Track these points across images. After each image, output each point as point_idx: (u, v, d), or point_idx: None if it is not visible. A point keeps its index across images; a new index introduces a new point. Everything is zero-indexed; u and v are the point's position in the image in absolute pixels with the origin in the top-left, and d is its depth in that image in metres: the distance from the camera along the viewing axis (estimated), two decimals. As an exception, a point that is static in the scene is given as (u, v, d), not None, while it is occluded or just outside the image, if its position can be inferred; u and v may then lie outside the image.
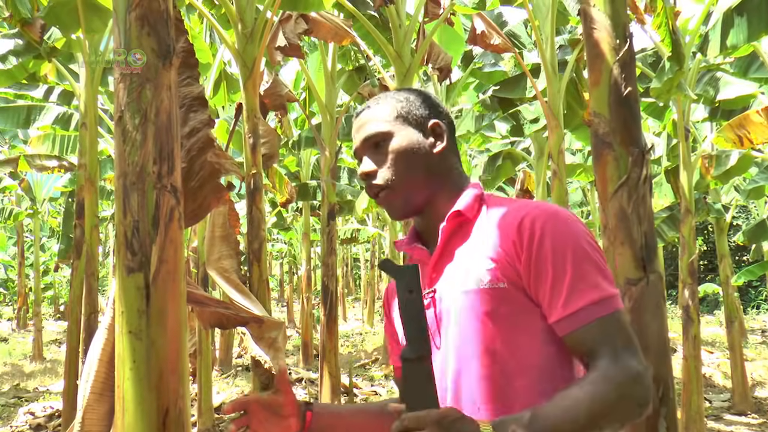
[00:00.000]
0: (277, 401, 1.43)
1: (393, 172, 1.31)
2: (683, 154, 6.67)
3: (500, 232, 1.22)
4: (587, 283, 1.14)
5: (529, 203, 1.26)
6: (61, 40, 6.38)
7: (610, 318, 1.13)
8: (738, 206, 13.67)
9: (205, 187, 1.99)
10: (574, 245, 1.17)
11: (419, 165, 1.31)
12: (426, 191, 1.32)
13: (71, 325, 6.51)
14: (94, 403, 1.72)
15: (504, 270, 1.19)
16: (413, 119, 1.34)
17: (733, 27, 5.42)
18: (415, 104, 1.36)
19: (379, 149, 1.33)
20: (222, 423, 7.55)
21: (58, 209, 20.51)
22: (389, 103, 1.36)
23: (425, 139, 1.33)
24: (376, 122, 1.34)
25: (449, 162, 1.35)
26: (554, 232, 1.17)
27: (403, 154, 1.31)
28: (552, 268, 1.16)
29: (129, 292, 1.66)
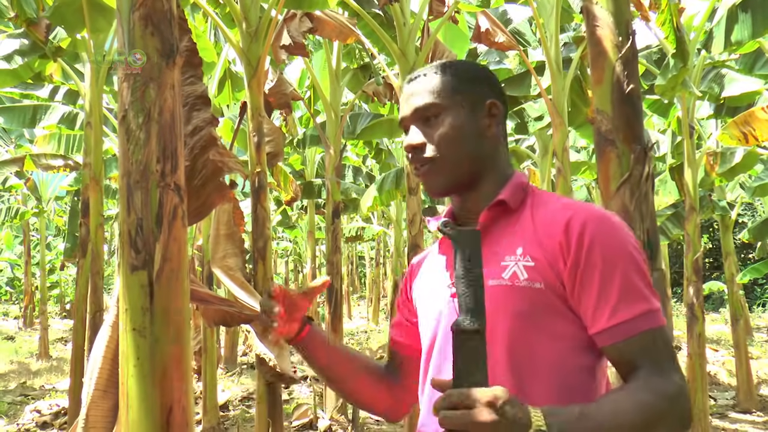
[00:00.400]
0: (299, 304, 1.43)
1: (441, 150, 1.24)
2: (688, 152, 6.65)
3: (545, 231, 1.17)
4: (635, 294, 1.11)
5: (575, 203, 1.21)
6: (66, 39, 6.40)
7: (655, 332, 1.10)
8: (743, 203, 13.62)
9: (208, 185, 2.00)
10: (624, 254, 1.12)
11: (468, 146, 1.25)
12: (471, 174, 1.26)
13: (77, 324, 6.54)
14: (98, 400, 1.73)
15: (543, 270, 1.14)
16: (470, 96, 1.26)
17: (737, 23, 5.41)
18: (475, 80, 1.29)
19: (429, 123, 1.26)
20: (227, 421, 7.57)
21: (63, 208, 20.59)
22: (447, 75, 1.27)
23: (479, 119, 1.26)
24: (430, 94, 1.26)
25: (499, 146, 1.29)
26: (604, 238, 1.13)
27: (453, 132, 1.24)
28: (600, 277, 1.11)
29: (133, 290, 1.67)
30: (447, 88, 1.26)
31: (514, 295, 1.14)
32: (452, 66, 1.30)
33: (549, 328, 1.14)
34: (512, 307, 1.14)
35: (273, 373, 4.49)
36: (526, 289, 1.13)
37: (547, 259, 1.14)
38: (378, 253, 22.99)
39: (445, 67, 1.29)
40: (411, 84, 1.31)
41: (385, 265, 22.92)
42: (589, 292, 1.12)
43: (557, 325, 1.14)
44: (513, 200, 1.23)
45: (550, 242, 1.15)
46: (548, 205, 1.21)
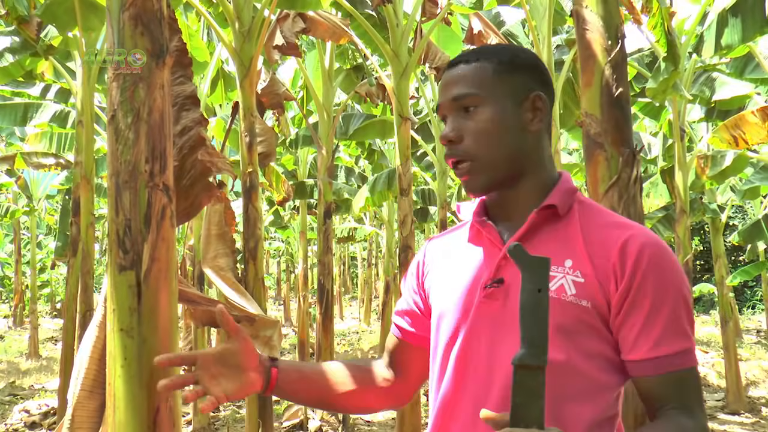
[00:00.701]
0: (231, 351, 1.22)
1: (479, 147, 1.15)
2: (679, 154, 6.69)
3: (598, 248, 1.11)
4: (679, 330, 1.08)
5: (628, 222, 1.15)
6: (57, 38, 6.38)
7: (690, 371, 1.08)
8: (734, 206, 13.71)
9: (197, 185, 2.00)
10: (675, 287, 1.08)
11: (510, 143, 1.16)
12: (511, 172, 1.17)
13: (67, 323, 6.52)
14: (84, 400, 1.73)
15: (592, 289, 1.09)
16: (513, 86, 1.17)
17: (728, 27, 5.44)
18: (520, 68, 1.18)
19: (468, 114, 1.17)
20: (217, 421, 7.56)
21: (55, 207, 20.50)
22: (490, 62, 1.17)
23: (522, 112, 1.16)
24: (471, 82, 1.16)
25: (543, 143, 1.19)
26: (660, 268, 1.08)
27: (493, 127, 1.15)
28: (649, 307, 1.07)
29: (120, 290, 1.67)
30: (488, 77, 1.16)
31: (559, 309, 1.08)
32: (496, 52, 1.20)
33: (586, 345, 1.10)
34: (555, 321, 1.04)
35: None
36: (572, 305, 1.09)
37: (597, 278, 1.09)
38: (370, 254, 23.00)
39: (488, 53, 1.19)
40: (451, 70, 1.20)
41: (377, 265, 22.93)
42: (634, 319, 1.08)
43: (593, 344, 1.10)
44: (562, 206, 1.15)
45: (603, 262, 1.09)
46: (599, 218, 1.15)
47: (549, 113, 1.19)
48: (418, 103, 10.51)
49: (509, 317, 1.09)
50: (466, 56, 1.20)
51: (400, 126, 5.82)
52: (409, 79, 5.90)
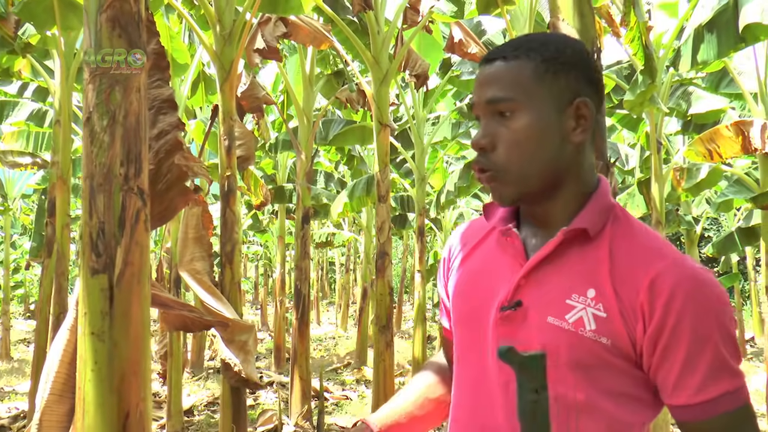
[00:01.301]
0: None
1: (511, 158, 1.03)
2: (655, 166, 6.76)
3: (627, 280, 0.99)
4: (726, 370, 0.97)
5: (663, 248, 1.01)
6: (35, 36, 6.32)
7: (741, 410, 0.97)
8: (709, 218, 13.89)
9: (173, 189, 2.00)
10: (717, 326, 0.96)
11: (545, 153, 1.03)
12: (545, 185, 1.05)
13: (40, 325, 6.45)
14: (53, 404, 1.71)
15: (615, 327, 0.98)
16: (557, 90, 1.03)
17: (703, 43, 5.53)
18: (568, 67, 1.04)
19: (503, 119, 1.04)
20: (191, 426, 7.50)
21: (30, 206, 20.26)
22: (532, 60, 1.03)
23: (564, 120, 1.03)
24: (508, 85, 1.03)
25: (584, 153, 1.06)
26: (697, 307, 0.96)
27: (530, 138, 1.02)
28: (686, 351, 0.96)
29: (93, 294, 1.66)
30: (528, 79, 1.03)
31: (575, 343, 1.00)
32: (540, 47, 1.05)
33: (606, 382, 1.01)
34: (570, 356, 1.00)
35: (238, 378, 4.48)
36: (591, 341, 0.99)
37: (622, 315, 0.98)
38: (348, 260, 22.96)
39: (531, 47, 1.05)
40: (487, 66, 1.07)
41: (356, 271, 22.90)
42: (671, 364, 0.98)
43: (615, 381, 1.01)
44: (593, 227, 1.03)
45: (630, 298, 0.98)
46: (631, 241, 1.03)
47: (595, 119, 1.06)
48: (398, 110, 10.54)
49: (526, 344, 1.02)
50: (506, 50, 1.06)
51: (379, 132, 5.84)
52: (389, 85, 5.93)
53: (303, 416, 7.17)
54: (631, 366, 1.01)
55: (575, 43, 1.09)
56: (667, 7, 7.47)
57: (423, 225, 9.48)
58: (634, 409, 1.03)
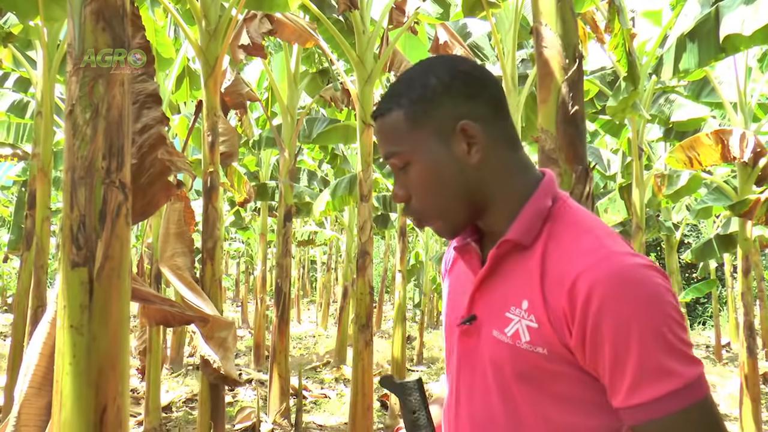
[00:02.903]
0: None
1: (425, 201, 1.07)
2: (636, 172, 6.83)
3: (554, 286, 0.98)
4: (658, 371, 0.91)
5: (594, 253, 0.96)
6: (18, 26, 6.26)
7: (688, 411, 0.91)
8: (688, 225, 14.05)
9: (155, 184, 1.99)
10: (642, 324, 0.91)
11: (452, 188, 1.05)
12: (470, 210, 1.07)
13: (17, 318, 6.38)
14: (32, 398, 1.71)
15: (547, 336, 0.98)
16: (435, 125, 1.04)
17: (686, 52, 5.59)
18: (437, 98, 1.04)
19: (405, 171, 1.07)
20: (169, 422, 7.47)
21: (10, 198, 20.04)
22: (402, 105, 1.05)
23: (455, 147, 1.04)
24: (390, 139, 1.07)
25: (496, 164, 1.05)
26: (616, 307, 0.92)
27: (428, 180, 1.05)
28: (611, 353, 0.93)
29: (72, 287, 1.66)
30: (404, 128, 1.05)
31: (515, 356, 1.00)
32: (406, 90, 1.07)
33: (554, 390, 1.00)
34: (513, 369, 1.01)
35: (217, 375, 4.47)
36: (528, 352, 0.99)
37: (551, 324, 0.97)
38: (330, 258, 22.95)
39: (398, 94, 1.07)
40: (375, 125, 1.11)
41: (337, 270, 22.89)
42: (602, 368, 0.95)
43: (562, 388, 1.00)
44: (525, 237, 1.03)
45: (556, 304, 0.97)
46: (564, 242, 1.00)
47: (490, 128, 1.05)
48: (383, 110, 10.53)
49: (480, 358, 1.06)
50: (382, 104, 1.09)
51: (363, 132, 5.85)
52: (373, 85, 5.94)
53: (281, 414, 7.17)
54: (577, 371, 0.98)
55: (441, 68, 1.07)
56: (651, 15, 7.55)
57: (405, 225, 9.51)
58: (591, 413, 0.99)
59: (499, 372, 1.02)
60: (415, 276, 16.76)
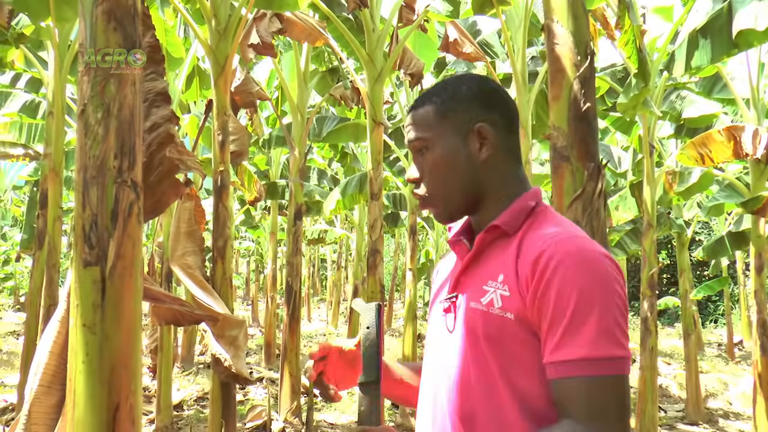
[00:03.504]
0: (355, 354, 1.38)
1: (434, 185, 1.27)
2: (647, 170, 6.79)
3: (522, 263, 1.15)
4: (582, 337, 1.05)
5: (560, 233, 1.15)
6: (30, 26, 6.29)
7: (594, 381, 1.04)
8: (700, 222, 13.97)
9: (164, 182, 1.99)
10: (581, 291, 1.07)
11: (459, 176, 1.25)
12: (468, 201, 1.27)
13: (30, 317, 6.42)
14: (42, 396, 1.71)
15: (515, 301, 1.13)
16: (457, 122, 1.25)
17: (698, 48, 5.55)
18: (464, 102, 1.26)
19: (422, 155, 1.27)
20: (180, 420, 7.49)
21: (22, 198, 20.17)
22: (433, 104, 1.27)
23: (470, 144, 1.24)
24: (419, 127, 1.27)
25: (500, 166, 1.26)
26: (565, 274, 1.08)
27: (441, 166, 1.25)
28: (552, 312, 1.08)
29: (85, 286, 1.66)
30: (432, 120, 1.26)
31: (486, 320, 1.15)
32: (439, 92, 1.29)
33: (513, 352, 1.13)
34: (484, 332, 1.15)
35: (228, 374, 4.48)
36: (498, 317, 1.14)
37: (519, 290, 1.13)
38: (340, 257, 22.96)
39: (432, 94, 1.29)
40: (407, 116, 1.32)
41: (347, 268, 22.90)
42: (543, 324, 1.10)
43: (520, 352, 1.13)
44: (509, 225, 1.21)
45: (523, 275, 1.13)
46: (539, 232, 1.18)
47: (502, 136, 1.25)
48: (392, 108, 10.54)
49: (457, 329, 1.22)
50: (417, 101, 1.31)
51: (373, 130, 5.84)
52: (383, 83, 5.93)
53: (292, 412, 7.18)
54: (535, 340, 1.12)
55: (471, 81, 1.30)
56: (662, 12, 7.50)
57: (415, 223, 9.50)
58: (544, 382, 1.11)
59: (473, 337, 1.17)
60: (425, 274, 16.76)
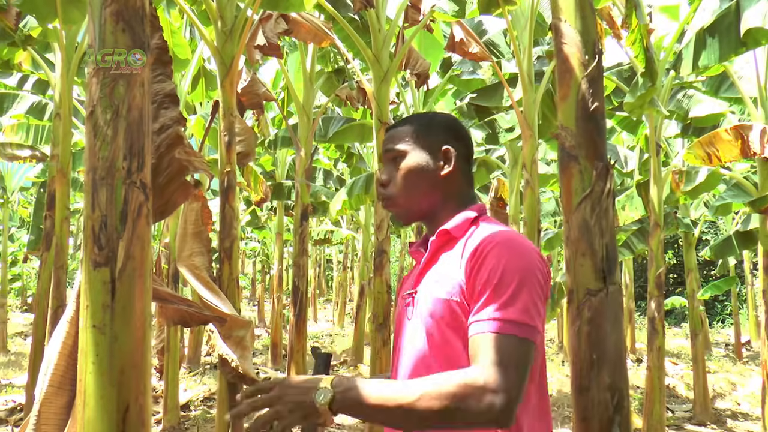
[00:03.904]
0: None
1: (399, 187, 1.51)
2: (654, 169, 6.77)
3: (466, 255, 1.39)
4: (500, 302, 1.28)
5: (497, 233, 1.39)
6: (37, 28, 6.31)
7: (501, 338, 1.26)
8: (707, 222, 13.92)
9: (173, 183, 2.00)
10: (506, 270, 1.31)
11: (423, 184, 1.50)
12: (425, 207, 1.52)
13: (38, 318, 6.44)
14: (51, 397, 1.72)
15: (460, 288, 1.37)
16: (428, 142, 1.51)
17: (705, 47, 5.53)
18: (438, 128, 1.54)
19: (395, 164, 1.53)
20: (187, 421, 7.51)
21: (29, 199, 20.23)
22: (413, 125, 1.54)
23: (435, 161, 1.51)
24: (397, 139, 1.53)
25: (455, 184, 1.52)
26: (495, 256, 1.33)
27: (410, 172, 1.50)
28: (481, 285, 1.32)
29: (94, 287, 1.66)
30: (411, 135, 1.53)
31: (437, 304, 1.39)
32: (418, 118, 1.57)
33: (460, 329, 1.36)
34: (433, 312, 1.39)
35: (235, 374, 4.49)
36: (446, 300, 1.38)
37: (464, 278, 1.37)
38: (346, 257, 22.98)
39: (412, 120, 1.57)
40: (388, 131, 1.59)
41: (353, 269, 22.90)
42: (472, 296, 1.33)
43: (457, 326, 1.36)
44: (457, 230, 1.47)
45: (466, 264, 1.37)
46: (481, 234, 1.41)
47: (464, 162, 1.54)
48: (398, 109, 10.53)
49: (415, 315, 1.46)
50: (397, 123, 1.59)
51: (379, 131, 5.84)
52: (389, 84, 5.92)
53: (299, 413, 7.17)
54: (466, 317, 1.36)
55: (445, 116, 1.61)
56: (668, 10, 7.48)
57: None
58: None
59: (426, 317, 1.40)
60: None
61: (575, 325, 2.17)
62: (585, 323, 2.13)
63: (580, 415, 2.12)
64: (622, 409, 2.08)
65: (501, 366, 1.22)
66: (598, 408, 2.08)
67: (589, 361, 2.11)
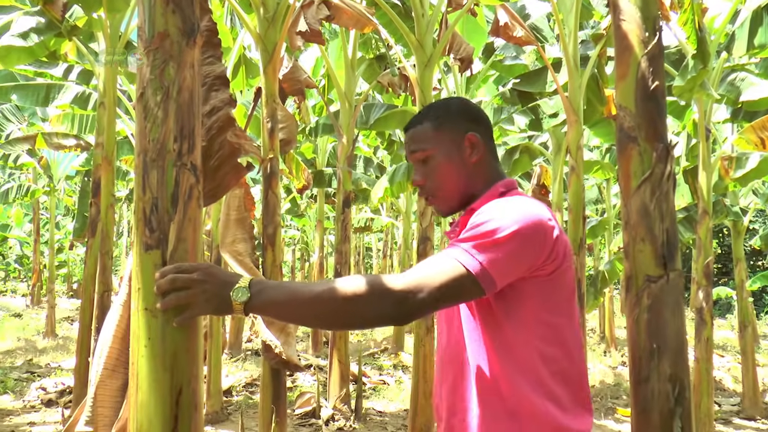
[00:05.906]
0: None
1: (436, 186, 1.59)
2: (703, 155, 6.59)
3: None
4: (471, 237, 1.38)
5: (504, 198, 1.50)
6: (82, 18, 6.38)
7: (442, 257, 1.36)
8: (756, 210, 13.54)
9: (224, 166, 1.98)
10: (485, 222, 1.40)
11: (457, 176, 1.57)
12: (465, 195, 1.58)
13: (84, 303, 6.55)
14: (106, 379, 1.71)
15: None
16: (451, 134, 1.57)
17: (762, 26, 5.34)
18: (455, 117, 1.58)
19: (425, 164, 1.59)
20: (230, 406, 7.59)
21: (73, 188, 20.64)
22: (430, 120, 1.58)
23: (462, 150, 1.56)
24: (419, 140, 1.59)
25: (485, 165, 1.58)
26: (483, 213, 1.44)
27: (442, 170, 1.57)
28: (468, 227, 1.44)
29: (146, 269, 1.64)
30: (430, 133, 1.58)
31: None
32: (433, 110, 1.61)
33: None
34: None
35: (278, 360, 4.50)
36: None
37: None
38: (386, 245, 22.97)
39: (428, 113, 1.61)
40: (406, 132, 1.63)
41: (392, 257, 22.90)
42: None
43: None
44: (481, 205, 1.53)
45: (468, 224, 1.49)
46: None
47: (487, 139, 1.60)
48: (440, 95, 10.43)
49: None
50: (412, 121, 1.63)
51: (422, 117, 5.78)
52: (433, 70, 5.85)
53: (341, 399, 7.19)
54: None
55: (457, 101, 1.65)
56: (720, -10, 7.24)
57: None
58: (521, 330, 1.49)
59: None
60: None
61: (634, 313, 2.09)
62: (644, 311, 2.06)
63: (639, 406, 2.05)
64: (683, 401, 2.01)
65: (423, 276, 1.32)
66: (658, 399, 2.01)
67: (649, 351, 2.04)
